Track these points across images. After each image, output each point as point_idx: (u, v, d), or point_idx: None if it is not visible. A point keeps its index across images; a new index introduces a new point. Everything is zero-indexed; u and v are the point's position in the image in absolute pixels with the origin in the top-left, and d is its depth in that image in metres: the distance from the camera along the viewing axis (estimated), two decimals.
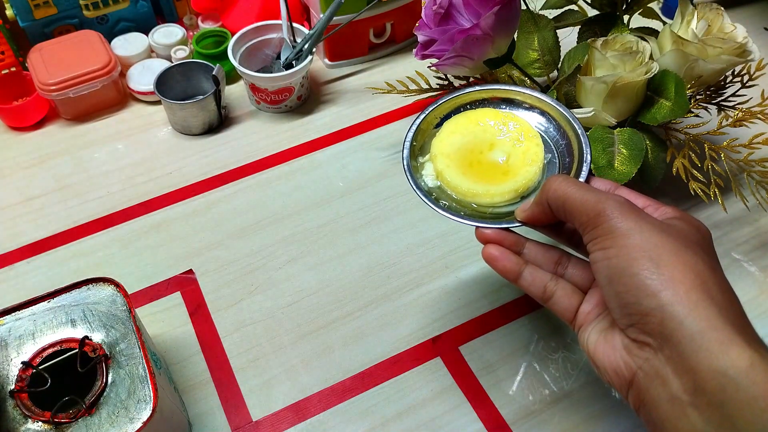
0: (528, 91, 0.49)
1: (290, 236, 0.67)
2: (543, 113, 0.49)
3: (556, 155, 0.48)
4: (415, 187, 0.46)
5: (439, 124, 0.50)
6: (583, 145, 0.46)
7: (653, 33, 0.66)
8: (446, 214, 0.44)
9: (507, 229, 0.44)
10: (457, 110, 0.51)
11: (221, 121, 0.78)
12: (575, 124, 0.47)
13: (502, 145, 0.48)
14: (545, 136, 0.49)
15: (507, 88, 0.50)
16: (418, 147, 0.49)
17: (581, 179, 0.44)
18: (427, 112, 0.49)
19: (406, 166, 0.47)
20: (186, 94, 0.79)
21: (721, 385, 0.31)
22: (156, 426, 0.44)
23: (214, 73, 0.74)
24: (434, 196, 0.46)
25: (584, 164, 0.45)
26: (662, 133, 0.61)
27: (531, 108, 0.49)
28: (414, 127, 0.49)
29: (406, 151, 0.48)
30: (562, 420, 0.54)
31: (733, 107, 0.62)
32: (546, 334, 0.59)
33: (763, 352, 0.32)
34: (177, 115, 0.75)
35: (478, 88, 0.50)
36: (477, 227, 0.43)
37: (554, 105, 0.48)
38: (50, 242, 0.67)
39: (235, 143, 0.76)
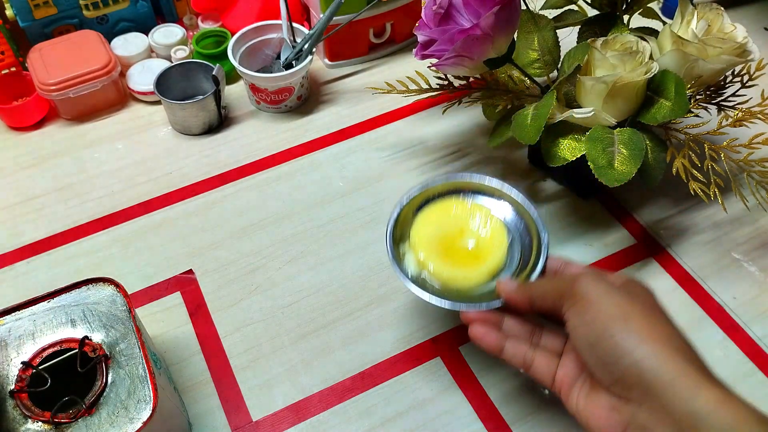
0: (489, 183, 0.55)
1: (290, 236, 0.67)
2: (501, 199, 0.55)
3: (517, 236, 0.54)
4: (402, 278, 0.51)
5: (416, 212, 0.55)
6: (540, 228, 0.52)
7: (653, 33, 0.66)
8: (435, 302, 0.49)
9: (493, 308, 0.49)
10: (429, 199, 0.56)
11: (221, 121, 0.78)
12: (530, 210, 0.53)
13: (470, 232, 0.54)
14: (506, 220, 0.54)
15: (473, 181, 0.55)
16: (398, 236, 0.54)
17: (541, 259, 0.50)
18: (404, 204, 0.54)
19: (391, 258, 0.52)
20: (186, 94, 0.79)
21: (696, 425, 0.35)
22: (156, 426, 0.44)
23: (214, 73, 0.74)
24: (419, 283, 0.51)
25: (543, 246, 0.51)
26: (662, 133, 0.61)
27: (492, 195, 0.55)
28: (392, 220, 0.54)
29: (389, 243, 0.52)
30: (563, 420, 0.54)
31: (733, 107, 0.62)
32: None
33: (726, 391, 0.36)
34: (177, 115, 0.75)
35: (447, 180, 0.56)
36: (461, 312, 0.48)
37: (511, 195, 0.55)
38: (50, 242, 0.67)
39: (235, 143, 0.76)
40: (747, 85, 0.63)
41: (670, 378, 0.36)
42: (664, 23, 0.63)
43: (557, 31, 0.66)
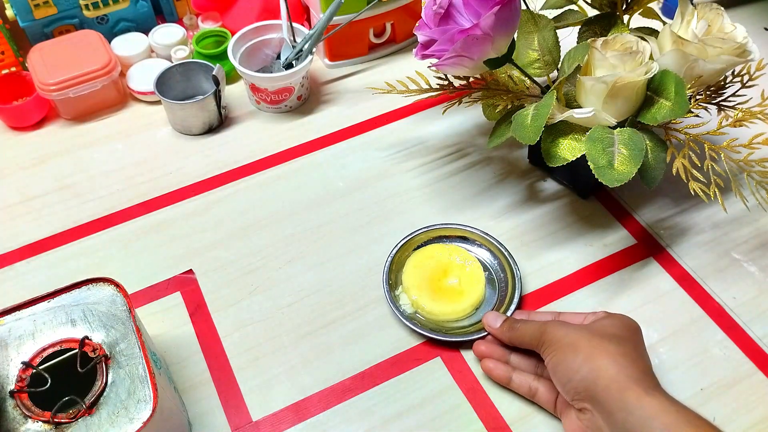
0: (467, 229, 0.65)
1: (290, 236, 0.67)
2: (476, 242, 0.64)
3: (493, 272, 0.63)
4: (402, 318, 0.59)
5: (406, 259, 0.64)
6: (512, 264, 0.62)
7: (653, 33, 0.66)
8: (432, 335, 0.58)
9: (479, 337, 0.58)
10: (417, 247, 0.64)
11: (221, 121, 0.78)
12: (502, 249, 0.63)
13: (453, 271, 0.62)
14: (481, 258, 0.63)
15: (453, 227, 0.65)
16: (393, 281, 0.62)
17: (517, 291, 0.60)
18: (395, 251, 0.63)
19: (390, 301, 0.60)
20: (186, 94, 0.79)
21: (639, 427, 0.44)
22: (156, 426, 0.44)
23: (214, 73, 0.74)
24: (416, 320, 0.59)
25: (516, 279, 0.61)
26: (662, 133, 0.61)
27: (469, 239, 0.65)
28: (387, 267, 0.62)
29: (386, 290, 0.61)
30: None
31: (733, 107, 0.62)
32: None
33: (668, 399, 0.45)
34: (177, 115, 0.75)
35: (429, 229, 0.65)
36: (474, 343, 0.58)
37: (487, 238, 0.64)
38: (50, 242, 0.67)
39: (235, 143, 0.76)
40: (747, 85, 0.63)
41: (604, 385, 0.46)
42: (664, 23, 0.63)
43: (557, 31, 0.66)
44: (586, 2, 0.68)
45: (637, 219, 0.67)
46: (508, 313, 0.59)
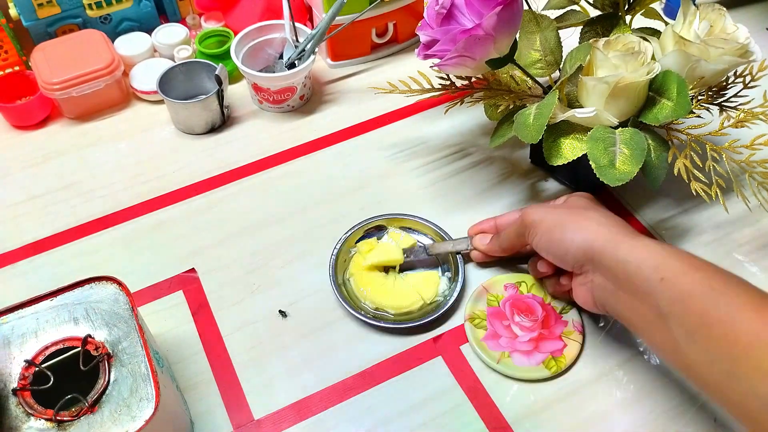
0: (409, 218, 0.67)
1: (292, 235, 0.67)
2: (413, 230, 0.67)
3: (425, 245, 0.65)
4: (356, 313, 0.60)
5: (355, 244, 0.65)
6: (448, 237, 0.65)
7: (655, 33, 0.65)
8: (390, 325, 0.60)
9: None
10: (363, 236, 0.66)
11: (224, 121, 0.78)
12: (441, 232, 0.65)
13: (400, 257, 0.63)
14: (417, 239, 0.66)
15: (397, 216, 0.67)
16: (341, 269, 0.63)
17: (460, 265, 0.63)
18: (342, 240, 0.65)
19: (344, 303, 0.60)
20: (189, 93, 0.79)
21: (626, 270, 0.48)
22: (158, 424, 0.45)
23: (216, 72, 0.74)
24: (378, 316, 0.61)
25: (458, 258, 0.63)
26: (664, 133, 0.61)
27: (411, 227, 0.67)
28: (334, 258, 0.63)
29: (334, 286, 0.61)
30: (563, 420, 0.54)
31: (735, 108, 0.62)
32: None
33: (654, 242, 0.49)
34: (180, 115, 0.76)
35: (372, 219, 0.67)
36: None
37: (428, 224, 0.66)
38: (53, 241, 0.67)
39: (238, 143, 0.76)
40: (749, 85, 0.63)
41: (600, 246, 0.50)
42: (667, 24, 0.63)
43: (559, 31, 0.66)
44: (588, 2, 0.68)
45: (639, 219, 0.67)
46: (457, 285, 0.61)
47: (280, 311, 0.61)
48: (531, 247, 0.56)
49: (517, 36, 0.61)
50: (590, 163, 0.56)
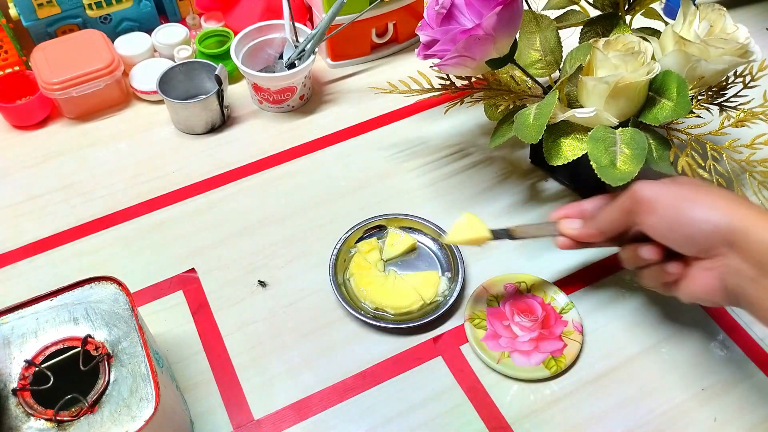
0: (406, 217, 0.66)
1: (292, 235, 0.67)
2: (413, 230, 0.66)
3: (425, 244, 0.65)
4: (359, 314, 0.60)
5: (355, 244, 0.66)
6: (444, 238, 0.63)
7: (655, 33, 0.65)
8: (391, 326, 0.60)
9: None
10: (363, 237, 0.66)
11: (224, 121, 0.78)
12: (440, 231, 0.65)
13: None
14: (417, 239, 0.66)
15: (395, 217, 0.67)
16: (341, 269, 0.63)
17: (460, 264, 0.62)
18: (342, 240, 0.65)
19: (344, 303, 0.60)
20: (189, 93, 0.79)
21: None
22: (158, 424, 0.45)
23: (216, 72, 0.74)
24: (378, 315, 0.61)
25: (457, 255, 0.63)
26: (664, 133, 0.61)
27: (409, 227, 0.67)
28: (334, 258, 0.63)
29: (334, 286, 0.61)
30: (563, 420, 0.54)
31: (734, 108, 0.62)
32: None
33: None
34: (180, 115, 0.76)
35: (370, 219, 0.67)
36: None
37: (424, 223, 0.66)
38: (53, 241, 0.67)
39: (238, 143, 0.76)
40: (749, 85, 0.63)
41: (743, 226, 0.44)
42: (666, 24, 0.63)
43: (559, 31, 0.66)
44: (588, 2, 0.68)
45: None
46: (457, 285, 0.61)
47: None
48: (636, 230, 0.50)
49: (517, 36, 0.61)
50: (591, 163, 0.56)
